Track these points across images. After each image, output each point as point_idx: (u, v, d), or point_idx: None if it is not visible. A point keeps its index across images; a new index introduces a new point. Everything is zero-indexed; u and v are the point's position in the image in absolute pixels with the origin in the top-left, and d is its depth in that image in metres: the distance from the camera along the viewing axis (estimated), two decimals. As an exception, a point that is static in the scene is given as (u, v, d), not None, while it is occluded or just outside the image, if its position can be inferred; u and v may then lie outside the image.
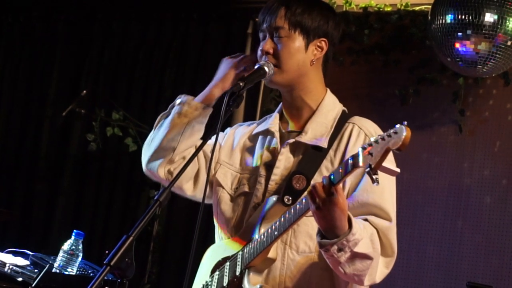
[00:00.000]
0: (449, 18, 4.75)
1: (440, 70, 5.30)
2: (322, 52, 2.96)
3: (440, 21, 4.79)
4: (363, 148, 2.43)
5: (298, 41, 2.91)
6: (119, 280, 2.31)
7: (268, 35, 2.93)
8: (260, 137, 3.06)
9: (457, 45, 4.76)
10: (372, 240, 2.70)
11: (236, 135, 3.14)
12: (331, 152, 2.88)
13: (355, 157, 2.47)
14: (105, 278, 2.31)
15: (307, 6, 2.93)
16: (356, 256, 2.64)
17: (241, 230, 2.94)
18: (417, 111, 5.41)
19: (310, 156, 2.89)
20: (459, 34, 4.72)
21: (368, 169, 2.39)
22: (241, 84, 2.76)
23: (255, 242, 2.82)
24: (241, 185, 3.01)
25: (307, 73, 2.95)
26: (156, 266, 5.88)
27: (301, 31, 2.91)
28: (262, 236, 2.80)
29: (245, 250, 2.85)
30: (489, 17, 4.66)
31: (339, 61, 5.52)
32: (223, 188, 3.05)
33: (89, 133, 6.11)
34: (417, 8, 5.46)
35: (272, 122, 3.04)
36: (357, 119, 2.96)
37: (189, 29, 6.19)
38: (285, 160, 2.92)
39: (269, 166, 2.96)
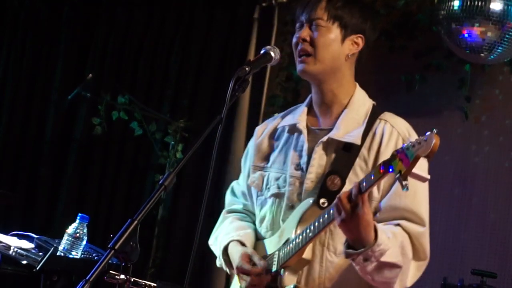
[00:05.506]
0: (456, 4, 4.73)
1: (446, 56, 5.27)
2: (358, 48, 2.99)
3: (447, 8, 4.78)
4: (395, 155, 2.46)
5: (335, 33, 2.93)
6: (123, 264, 2.32)
7: (305, 24, 2.95)
8: (286, 133, 3.07)
9: (464, 31, 4.75)
10: (403, 247, 2.74)
11: (262, 134, 3.18)
12: (363, 150, 2.90)
13: (386, 163, 2.50)
14: (110, 261, 2.31)
15: (349, 1, 2.97)
16: (383, 266, 2.69)
17: (278, 231, 2.98)
18: (423, 98, 5.40)
19: (343, 155, 2.90)
20: (466, 20, 4.71)
21: (398, 175, 2.43)
22: (246, 69, 2.75)
23: (292, 244, 2.85)
24: (271, 185, 3.04)
25: (341, 67, 2.97)
26: (160, 250, 5.89)
27: (340, 24, 2.93)
28: (297, 238, 2.83)
29: (281, 250, 2.90)
30: (496, 4, 4.65)
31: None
32: (256, 190, 3.10)
33: (94, 116, 6.11)
34: (424, -6, 5.43)
35: (300, 117, 3.05)
36: (388, 116, 2.97)
37: (194, 13, 6.17)
38: (319, 158, 2.93)
39: (298, 165, 2.97)
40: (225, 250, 3.08)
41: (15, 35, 6.69)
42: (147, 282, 3.84)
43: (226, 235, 3.11)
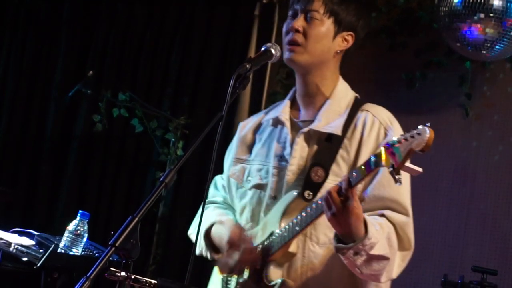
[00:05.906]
0: (456, 1, 4.73)
1: (447, 53, 5.27)
2: (347, 46, 2.99)
3: (448, 5, 4.78)
4: (386, 148, 2.45)
5: (329, 28, 2.94)
6: (124, 261, 2.32)
7: (300, 14, 2.95)
8: (269, 127, 3.07)
9: (465, 29, 4.75)
10: (389, 238, 2.74)
11: (245, 127, 3.16)
12: (345, 141, 2.89)
13: (378, 156, 2.50)
14: (110, 259, 2.31)
15: None
16: (372, 259, 2.68)
17: (260, 223, 2.96)
18: (423, 95, 5.40)
19: (326, 146, 2.90)
20: (467, 17, 4.70)
21: (391, 169, 2.41)
22: (247, 66, 2.75)
23: (276, 236, 2.84)
24: (253, 177, 3.02)
25: (328, 62, 2.97)
26: (161, 247, 5.89)
27: (334, 20, 2.94)
28: (283, 230, 2.82)
29: (266, 244, 2.88)
30: (497, 1, 4.64)
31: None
32: (236, 182, 3.09)
33: (95, 113, 6.10)
34: (424, -9, 5.43)
35: (283, 110, 3.04)
36: (370, 106, 2.98)
37: (195, 10, 6.16)
38: (301, 150, 2.93)
39: (282, 156, 2.96)
40: (207, 234, 3.05)
41: (15, 32, 6.68)
42: (147, 279, 3.83)
43: (207, 220, 3.08)
